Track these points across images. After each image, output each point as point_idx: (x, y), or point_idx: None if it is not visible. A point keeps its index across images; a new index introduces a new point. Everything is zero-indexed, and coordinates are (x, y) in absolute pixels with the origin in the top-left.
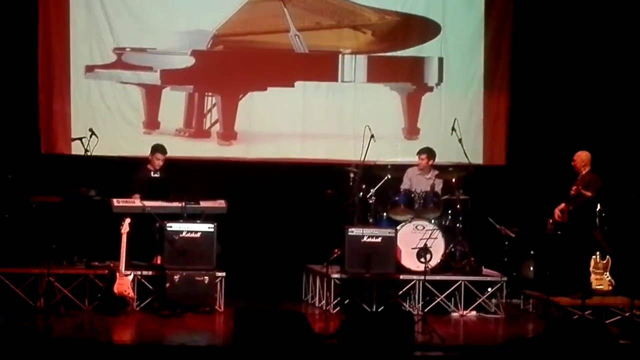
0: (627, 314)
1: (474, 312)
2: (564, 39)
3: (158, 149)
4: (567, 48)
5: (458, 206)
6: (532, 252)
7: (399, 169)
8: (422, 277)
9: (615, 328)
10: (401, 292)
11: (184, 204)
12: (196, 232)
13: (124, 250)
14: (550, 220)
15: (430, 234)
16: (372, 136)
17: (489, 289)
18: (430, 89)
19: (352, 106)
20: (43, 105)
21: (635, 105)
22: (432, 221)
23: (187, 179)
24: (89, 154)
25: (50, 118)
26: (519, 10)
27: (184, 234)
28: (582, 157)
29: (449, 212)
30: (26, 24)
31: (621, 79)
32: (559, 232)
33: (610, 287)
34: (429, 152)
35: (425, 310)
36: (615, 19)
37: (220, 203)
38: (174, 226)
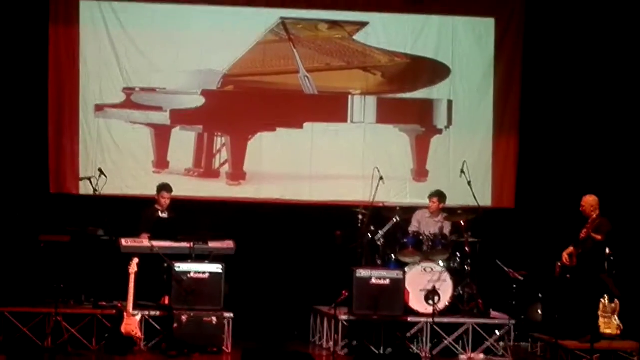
0: (635, 358)
1: (482, 355)
2: (574, 81)
3: (164, 187)
4: (577, 90)
5: (466, 249)
6: (540, 295)
7: (408, 211)
8: (430, 320)
9: None
10: (409, 334)
11: (192, 244)
12: (204, 272)
13: (132, 290)
14: (559, 264)
15: (439, 276)
16: (381, 178)
17: (497, 332)
18: (440, 131)
19: (361, 147)
20: (53, 144)
21: None
22: (441, 263)
23: (195, 219)
24: (97, 193)
25: (59, 157)
26: (528, 52)
27: (192, 274)
28: (590, 202)
29: (458, 254)
30: (37, 63)
31: (630, 123)
32: (568, 276)
33: (619, 331)
34: (440, 196)
35: (433, 352)
36: (624, 62)
37: (229, 244)
38: (182, 266)
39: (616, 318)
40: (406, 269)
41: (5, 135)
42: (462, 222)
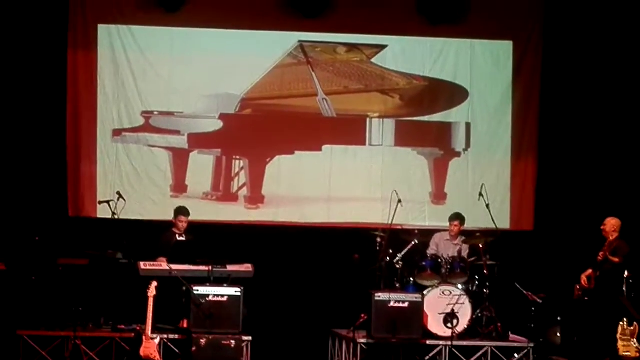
0: None
1: None
2: (593, 103)
3: (181, 211)
4: (596, 112)
5: (485, 271)
6: (559, 318)
7: (426, 234)
8: (448, 343)
9: None
10: (428, 357)
11: (210, 267)
12: (223, 295)
13: (151, 313)
14: (578, 286)
15: (457, 299)
16: (400, 201)
17: (516, 355)
18: (458, 154)
19: (379, 170)
20: (71, 168)
21: None
22: (459, 286)
23: (214, 242)
24: (116, 217)
25: (78, 181)
26: (546, 74)
27: (210, 297)
28: (612, 223)
29: (476, 277)
30: (55, 87)
31: None
32: (586, 298)
33: (638, 354)
34: (461, 219)
35: None
36: None
37: (247, 267)
38: (200, 290)
39: (635, 341)
40: (425, 292)
41: (24, 159)
42: (480, 244)
